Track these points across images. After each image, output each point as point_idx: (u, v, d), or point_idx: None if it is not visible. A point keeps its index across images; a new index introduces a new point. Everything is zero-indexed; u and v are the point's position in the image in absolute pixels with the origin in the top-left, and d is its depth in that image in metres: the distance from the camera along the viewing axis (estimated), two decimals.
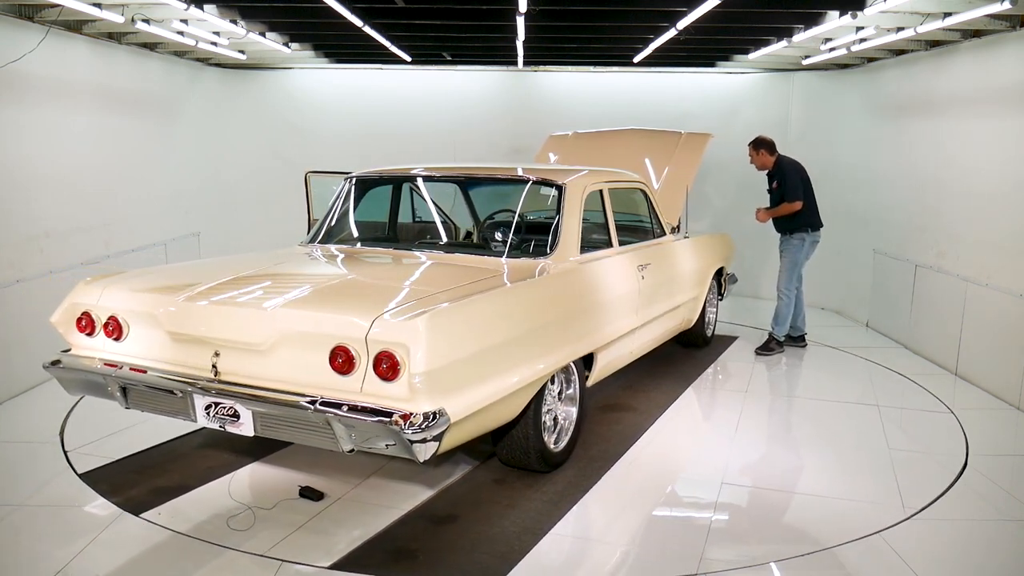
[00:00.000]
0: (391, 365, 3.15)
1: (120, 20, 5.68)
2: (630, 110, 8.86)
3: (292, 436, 3.48)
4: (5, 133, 5.50)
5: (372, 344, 3.18)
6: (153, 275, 4.20)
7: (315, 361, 3.29)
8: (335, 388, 3.28)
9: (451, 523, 3.70)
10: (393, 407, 3.14)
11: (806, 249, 6.77)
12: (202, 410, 3.55)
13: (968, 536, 3.71)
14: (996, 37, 5.76)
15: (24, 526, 3.67)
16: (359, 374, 3.23)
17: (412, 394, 3.15)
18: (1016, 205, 5.57)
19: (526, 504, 3.86)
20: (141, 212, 7.39)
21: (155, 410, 3.79)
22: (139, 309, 3.75)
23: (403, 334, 3.14)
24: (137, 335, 3.78)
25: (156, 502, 3.83)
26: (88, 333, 3.89)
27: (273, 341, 3.38)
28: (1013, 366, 5.47)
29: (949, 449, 4.70)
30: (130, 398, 3.79)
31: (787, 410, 5.62)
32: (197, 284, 3.79)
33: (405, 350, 3.12)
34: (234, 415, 3.47)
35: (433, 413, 3.14)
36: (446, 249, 4.86)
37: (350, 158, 8.62)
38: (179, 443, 4.60)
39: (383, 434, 3.15)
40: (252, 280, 3.97)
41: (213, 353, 3.51)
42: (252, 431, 3.47)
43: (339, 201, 5.14)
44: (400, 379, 3.15)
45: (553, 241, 4.49)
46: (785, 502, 4.02)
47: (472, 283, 3.84)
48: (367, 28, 6.08)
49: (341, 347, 3.23)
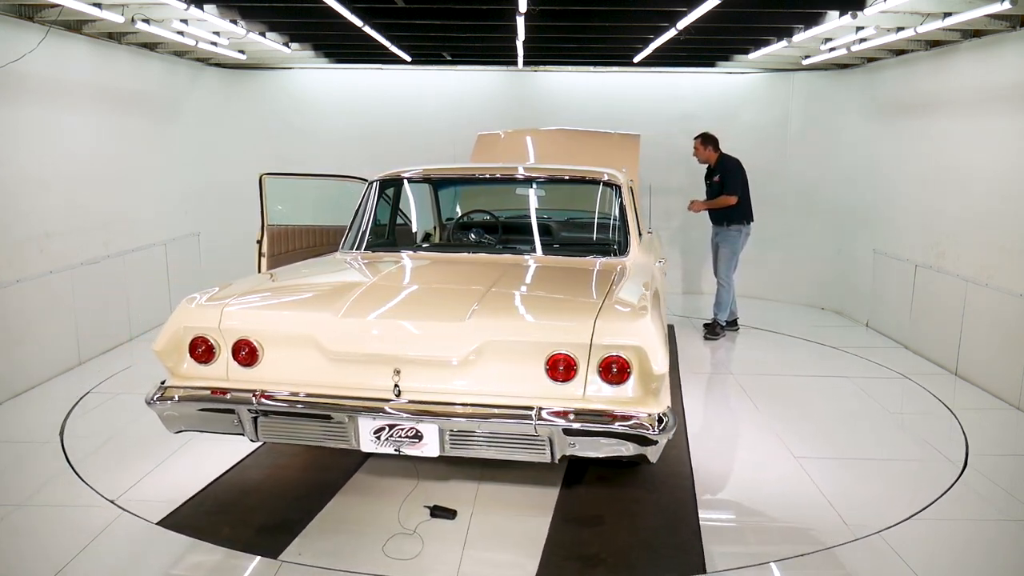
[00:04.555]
0: (620, 368, 3.12)
1: (120, 20, 5.68)
2: (630, 110, 8.88)
3: (489, 452, 3.28)
4: (5, 133, 5.49)
5: (597, 349, 3.14)
6: (268, 291, 3.82)
7: (526, 371, 3.21)
8: (550, 396, 3.19)
9: (599, 524, 3.72)
10: (626, 410, 3.13)
11: (742, 240, 7.29)
12: (369, 435, 3.28)
13: (968, 536, 3.71)
14: (996, 37, 5.76)
15: (24, 526, 3.67)
16: (580, 380, 3.18)
17: (645, 395, 3.14)
18: (1016, 205, 5.57)
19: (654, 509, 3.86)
20: (141, 212, 7.39)
21: (295, 439, 3.50)
22: (284, 330, 3.41)
23: (635, 337, 3.11)
24: (275, 358, 3.42)
25: (281, 542, 3.49)
26: (204, 360, 3.49)
27: (472, 354, 3.22)
28: (1013, 366, 5.47)
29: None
30: (262, 429, 3.45)
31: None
32: (334, 299, 3.48)
33: (637, 352, 3.10)
34: (415, 436, 3.25)
35: (665, 412, 3.16)
36: (527, 252, 4.62)
37: (350, 158, 8.64)
38: (232, 474, 4.23)
39: (621, 438, 3.12)
40: (394, 291, 3.75)
41: (393, 372, 3.26)
42: (437, 451, 3.28)
43: (404, 203, 5.04)
44: (628, 382, 3.14)
45: (625, 241, 4.57)
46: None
47: (612, 284, 3.77)
48: (367, 28, 6.08)
49: (561, 354, 3.16)
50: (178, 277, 7.94)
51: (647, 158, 7.74)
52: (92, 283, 6.46)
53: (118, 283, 6.88)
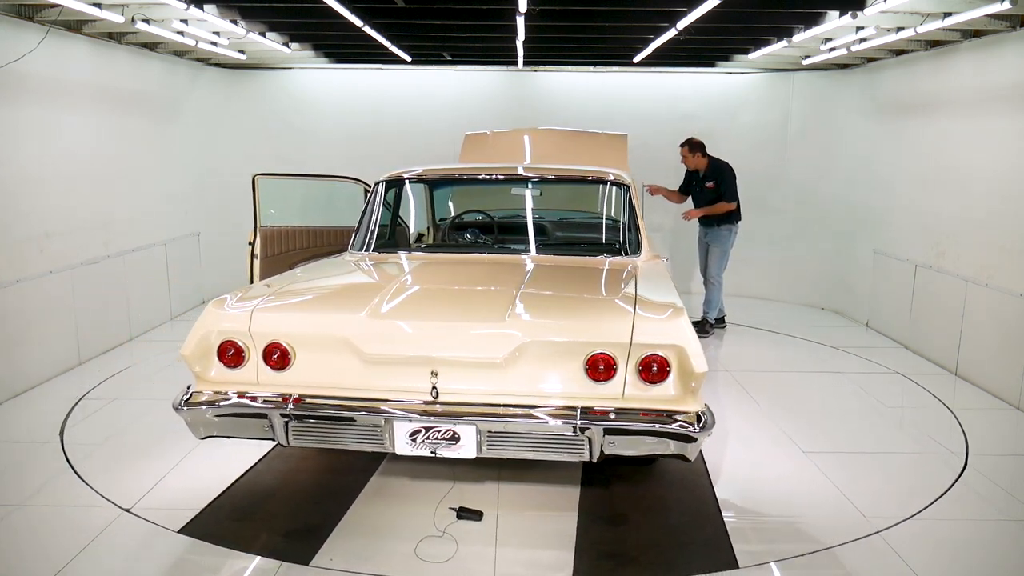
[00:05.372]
0: (660, 367, 3.16)
1: (120, 20, 5.68)
2: (630, 110, 8.88)
3: (527, 452, 3.27)
4: (5, 133, 5.49)
5: (637, 349, 3.17)
6: (297, 293, 3.73)
7: (565, 370, 3.23)
8: (589, 396, 3.22)
9: (624, 523, 3.73)
10: (666, 409, 3.17)
11: (732, 239, 7.34)
12: (405, 438, 3.25)
13: (968, 536, 3.71)
14: (996, 37, 5.77)
15: (24, 526, 3.67)
16: (619, 379, 3.21)
17: (684, 394, 3.18)
18: (1016, 205, 5.57)
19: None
20: (141, 212, 7.39)
21: (328, 443, 3.42)
22: (318, 333, 3.35)
23: (675, 336, 3.15)
24: (307, 361, 3.37)
25: (310, 547, 3.44)
26: (233, 365, 3.42)
27: (511, 355, 3.21)
28: (1013, 366, 5.47)
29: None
30: (293, 433, 3.37)
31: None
32: (366, 300, 3.45)
33: (677, 352, 3.14)
34: (452, 438, 3.23)
35: (704, 410, 3.21)
36: (539, 251, 4.63)
37: (350, 158, 8.64)
38: (247, 479, 4.16)
39: (663, 437, 3.15)
40: (424, 293, 3.74)
41: (431, 373, 3.25)
42: (474, 453, 3.26)
43: (417, 204, 5.04)
44: (668, 380, 3.18)
45: (636, 240, 4.59)
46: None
47: (636, 284, 3.78)
48: (367, 28, 6.08)
49: (601, 355, 3.19)
50: (178, 277, 7.94)
51: (647, 158, 7.79)
52: (92, 283, 6.46)
53: (118, 283, 6.89)
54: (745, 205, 7.41)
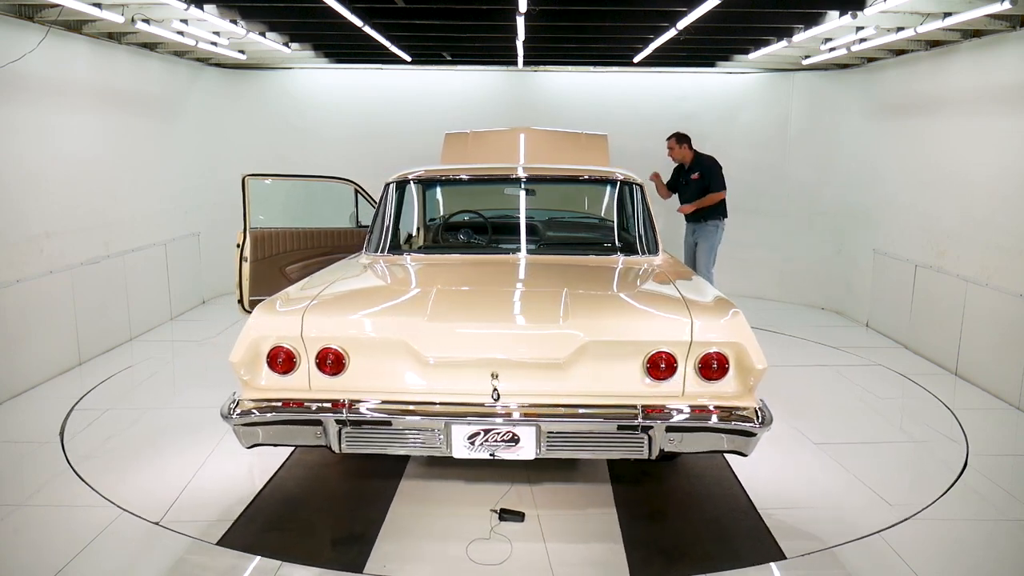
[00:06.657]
0: (720, 364, 3.21)
1: (120, 20, 5.68)
2: (630, 110, 8.88)
3: (586, 451, 3.29)
4: (5, 133, 5.49)
5: (697, 347, 3.21)
6: (344, 297, 3.68)
7: (624, 369, 3.26)
8: (649, 394, 3.25)
9: (663, 519, 3.78)
10: (726, 406, 3.22)
11: (719, 235, 7.31)
12: (463, 440, 3.23)
13: (968, 536, 3.71)
14: (996, 37, 5.77)
15: (24, 526, 3.67)
16: (678, 377, 3.25)
17: (742, 391, 3.23)
18: (1016, 205, 5.57)
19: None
20: (141, 212, 7.39)
21: (383, 449, 3.34)
22: (374, 337, 3.30)
23: (734, 334, 3.20)
24: (362, 366, 3.32)
25: (360, 554, 3.39)
26: (284, 371, 3.33)
27: (572, 355, 3.23)
28: (1013, 366, 5.47)
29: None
30: (346, 440, 3.29)
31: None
32: (419, 303, 3.43)
33: (736, 349, 3.19)
34: (511, 440, 3.22)
35: (762, 406, 3.26)
36: (567, 252, 4.63)
37: (350, 158, 8.65)
38: (272, 488, 4.07)
39: (725, 433, 3.20)
40: (474, 295, 3.72)
41: (491, 375, 3.24)
42: (533, 454, 3.25)
43: (416, 206, 5.01)
44: (727, 377, 3.23)
45: (654, 240, 4.61)
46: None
47: (674, 283, 3.80)
48: (367, 28, 6.08)
49: (661, 353, 3.22)
50: (178, 277, 7.94)
51: (647, 158, 7.79)
52: (92, 283, 6.46)
53: (118, 283, 6.88)
54: (745, 205, 7.42)
